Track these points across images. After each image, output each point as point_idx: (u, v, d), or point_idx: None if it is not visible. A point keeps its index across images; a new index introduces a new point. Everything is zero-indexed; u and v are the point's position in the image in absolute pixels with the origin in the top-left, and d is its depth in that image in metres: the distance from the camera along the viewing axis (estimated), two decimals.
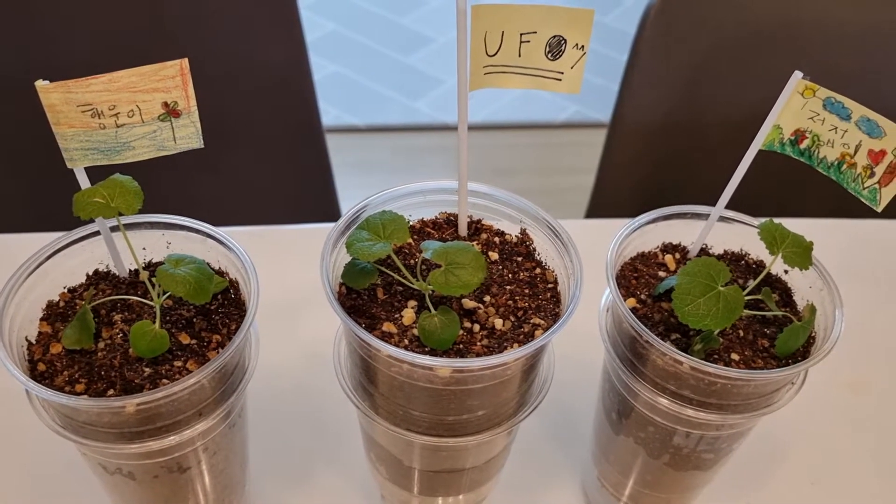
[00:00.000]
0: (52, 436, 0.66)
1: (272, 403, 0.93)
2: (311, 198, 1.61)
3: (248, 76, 1.45)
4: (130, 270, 0.74)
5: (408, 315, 0.66)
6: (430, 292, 0.66)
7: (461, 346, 0.65)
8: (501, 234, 0.73)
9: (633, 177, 1.56)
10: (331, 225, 0.68)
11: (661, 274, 0.77)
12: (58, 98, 0.63)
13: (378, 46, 3.13)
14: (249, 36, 1.44)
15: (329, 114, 2.79)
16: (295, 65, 1.46)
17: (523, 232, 0.73)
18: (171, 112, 0.65)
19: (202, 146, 0.67)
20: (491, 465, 0.76)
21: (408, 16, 3.26)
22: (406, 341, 0.65)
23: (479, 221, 0.74)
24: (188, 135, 0.67)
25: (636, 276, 0.76)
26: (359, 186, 2.48)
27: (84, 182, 0.67)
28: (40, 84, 0.62)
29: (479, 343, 0.65)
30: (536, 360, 0.68)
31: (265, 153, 1.55)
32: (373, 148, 2.81)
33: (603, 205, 1.59)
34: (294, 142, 1.54)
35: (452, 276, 0.62)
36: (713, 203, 0.75)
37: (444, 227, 0.74)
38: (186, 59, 0.64)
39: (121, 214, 0.65)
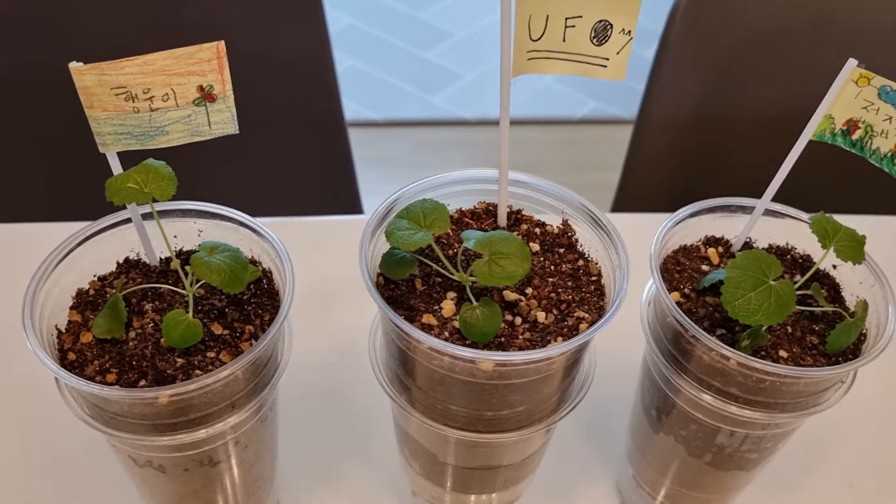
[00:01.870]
0: (78, 427, 0.65)
1: (299, 396, 0.92)
2: (333, 190, 1.60)
3: (271, 67, 1.43)
4: (161, 259, 0.72)
5: (447, 307, 0.64)
6: (471, 283, 0.64)
7: (503, 339, 0.63)
8: (542, 224, 0.71)
9: (659, 172, 1.53)
10: (355, 217, 0.67)
11: (704, 268, 0.74)
12: (91, 80, 0.61)
13: (396, 41, 3.11)
14: (272, 26, 1.42)
15: (347, 108, 2.77)
16: (318, 56, 1.45)
17: (565, 223, 0.71)
18: (206, 96, 0.64)
19: (237, 132, 0.66)
20: (527, 464, 0.74)
21: (426, 10, 3.24)
22: (446, 333, 0.63)
23: (518, 212, 0.72)
24: (223, 120, 0.65)
25: (679, 269, 0.74)
26: (376, 181, 2.47)
27: (116, 167, 0.66)
28: (74, 66, 0.60)
29: (521, 336, 0.64)
30: (580, 355, 0.66)
31: (287, 144, 1.53)
32: (390, 142, 2.79)
33: (629, 200, 1.56)
34: (316, 134, 1.53)
35: (496, 267, 0.60)
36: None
37: (483, 217, 0.72)
38: (223, 42, 0.62)
39: (154, 201, 0.63)
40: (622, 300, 0.62)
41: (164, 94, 0.63)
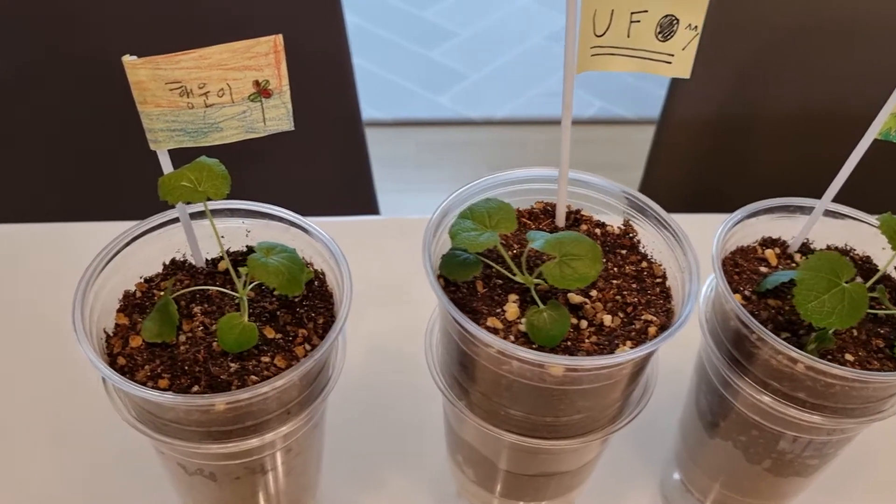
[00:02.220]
0: (111, 433, 0.63)
1: (341, 401, 0.89)
2: (348, 190, 1.57)
3: (289, 65, 1.41)
4: (207, 260, 0.70)
5: (511, 310, 0.62)
6: (535, 286, 0.63)
7: (569, 343, 0.61)
8: (602, 225, 0.69)
9: (681, 172, 1.52)
10: (374, 218, 0.65)
11: (763, 269, 0.73)
12: (145, 74, 0.59)
13: (400, 40, 3.09)
14: (290, 23, 1.40)
15: None
16: (336, 55, 1.42)
17: (627, 223, 0.69)
18: (261, 92, 0.62)
19: (292, 128, 0.63)
20: (584, 470, 0.73)
21: (429, 9, 3.22)
22: (511, 337, 0.61)
23: (577, 212, 0.70)
24: (278, 116, 0.63)
25: (737, 271, 0.72)
26: (382, 181, 2.44)
27: (167, 165, 0.63)
28: (128, 59, 0.58)
29: (587, 340, 0.62)
30: (647, 360, 0.64)
31: (303, 143, 1.51)
32: (396, 142, 2.77)
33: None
34: (334, 133, 1.51)
35: (568, 269, 0.58)
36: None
37: (541, 217, 0.70)
38: (280, 36, 0.60)
39: (208, 199, 0.61)
40: (694, 302, 0.60)
41: (219, 89, 0.60)
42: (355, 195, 1.57)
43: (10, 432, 0.85)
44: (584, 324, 0.63)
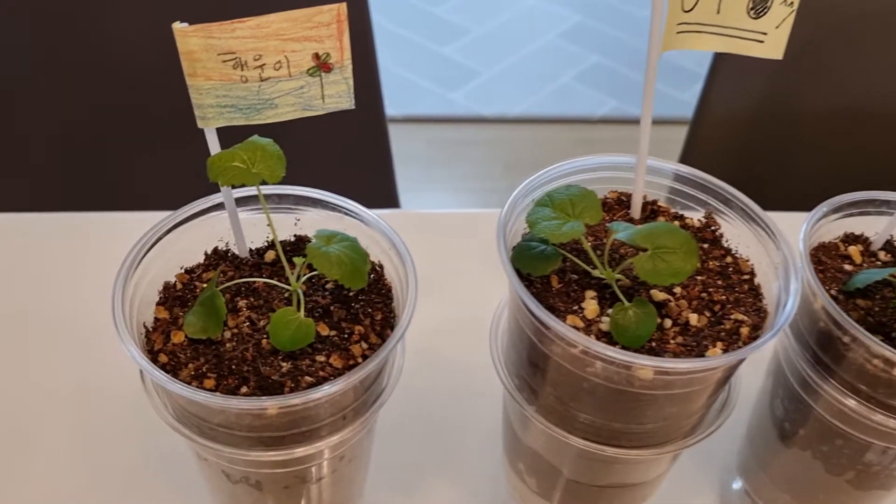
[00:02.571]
0: (139, 439, 0.57)
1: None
2: (371, 188, 1.52)
3: None
4: (251, 249, 0.65)
5: (590, 307, 0.57)
6: (616, 281, 0.57)
7: (653, 343, 0.56)
8: (681, 217, 0.64)
9: (716, 170, 1.46)
10: (398, 211, 0.59)
11: (847, 267, 0.68)
12: (197, 43, 0.53)
13: (413, 36, 3.04)
14: None
15: None
16: (360, 51, 1.37)
17: (709, 216, 0.64)
18: (321, 66, 0.56)
19: (353, 107, 0.58)
20: (654, 483, 0.67)
21: (442, 6, 3.17)
22: (592, 336, 0.56)
23: (654, 202, 0.65)
24: (338, 93, 0.57)
25: (821, 269, 0.67)
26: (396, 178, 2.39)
27: (214, 145, 0.58)
28: (178, 27, 0.53)
29: (672, 341, 0.56)
30: (738, 364, 0.58)
31: (326, 137, 1.45)
32: (408, 139, 2.71)
33: None
34: (356, 126, 1.45)
35: (661, 263, 0.53)
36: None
37: (615, 207, 0.64)
38: (344, 5, 0.55)
39: (263, 183, 0.56)
40: (795, 301, 0.55)
41: (276, 61, 0.55)
42: (377, 193, 1.52)
43: (34, 432, 0.79)
44: (668, 323, 0.57)
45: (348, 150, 1.48)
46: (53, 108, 1.29)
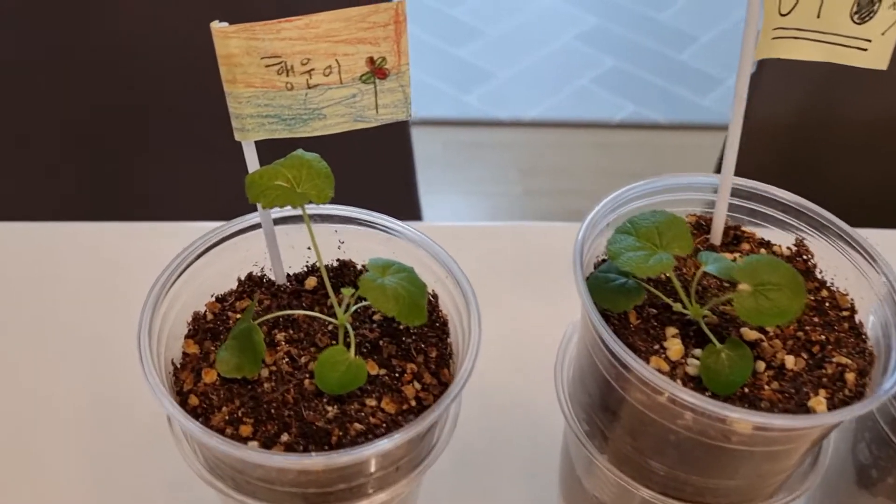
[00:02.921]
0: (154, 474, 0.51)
1: None
2: (392, 194, 1.46)
3: None
4: (289, 275, 0.58)
5: (674, 347, 0.50)
6: (703, 318, 0.51)
7: (745, 389, 0.50)
8: (767, 244, 0.58)
9: (757, 178, 1.40)
10: (421, 224, 0.53)
11: None
12: (238, 46, 0.47)
13: (428, 38, 2.97)
14: None
15: None
16: None
17: (800, 243, 0.57)
18: (376, 71, 0.50)
19: (409, 118, 0.52)
20: None
21: (458, 7, 3.11)
22: (678, 381, 0.49)
23: (737, 227, 0.58)
24: (394, 102, 0.51)
25: None
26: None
27: (252, 161, 0.52)
28: (217, 27, 0.47)
29: (767, 386, 0.50)
30: None
31: (346, 142, 1.39)
32: (423, 142, 2.65)
33: None
34: (378, 134, 1.39)
35: (765, 301, 0.46)
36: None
37: (694, 233, 0.58)
38: (404, 3, 0.49)
39: (309, 203, 0.50)
40: None
41: (326, 66, 0.49)
42: (398, 200, 1.46)
43: (43, 450, 0.72)
44: (761, 365, 0.51)
45: (369, 154, 1.42)
46: (57, 108, 1.22)
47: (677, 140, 2.86)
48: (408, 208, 1.46)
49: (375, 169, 1.44)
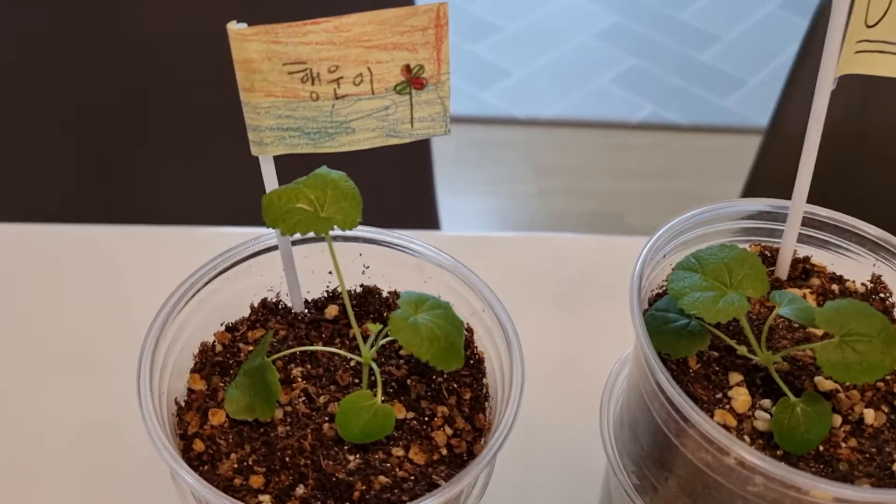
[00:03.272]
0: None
1: None
2: (409, 196, 1.40)
3: None
4: (307, 301, 0.53)
5: (741, 398, 0.45)
6: (773, 364, 0.45)
7: (820, 446, 0.44)
8: (840, 279, 0.52)
9: (789, 186, 1.34)
10: (439, 234, 0.47)
11: None
12: (258, 50, 0.41)
13: None
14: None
15: None
16: None
17: (876, 279, 0.51)
18: (412, 81, 0.44)
19: (447, 132, 0.46)
20: None
21: (475, 3, 3.04)
22: (746, 437, 0.44)
23: (806, 259, 0.52)
24: (431, 116, 0.46)
25: None
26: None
27: (271, 179, 0.46)
28: (234, 28, 0.41)
29: (844, 444, 0.44)
30: None
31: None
32: (436, 139, 2.59)
33: None
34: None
35: (853, 355, 0.41)
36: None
37: None
38: (446, 5, 0.43)
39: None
40: None
41: (356, 74, 0.43)
42: (414, 204, 1.40)
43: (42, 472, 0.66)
44: (837, 419, 0.45)
45: (385, 156, 1.36)
46: (59, 107, 1.17)
47: (697, 142, 2.80)
48: (425, 212, 1.40)
49: (392, 172, 1.38)
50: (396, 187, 1.38)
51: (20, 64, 1.10)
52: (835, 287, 0.51)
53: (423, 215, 1.42)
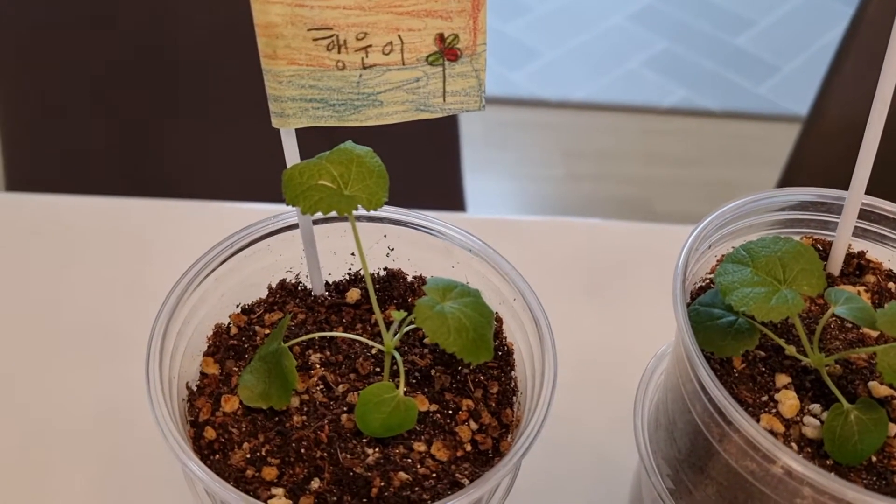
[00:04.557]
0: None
1: None
2: (435, 178, 1.37)
3: None
4: (328, 284, 0.50)
5: (789, 402, 0.42)
6: (825, 367, 0.42)
7: (873, 457, 0.41)
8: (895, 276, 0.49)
9: (829, 178, 1.30)
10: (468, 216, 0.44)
11: None
12: (280, 14, 0.38)
13: None
14: None
15: None
16: None
17: None
18: (445, 52, 0.41)
19: (482, 108, 0.43)
20: None
21: None
22: (794, 445, 0.40)
23: (861, 255, 0.49)
24: (465, 89, 0.42)
25: None
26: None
27: (292, 153, 0.43)
28: None
29: None
30: None
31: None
32: (464, 119, 2.55)
33: None
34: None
35: None
36: None
37: None
38: None
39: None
40: None
41: (386, 43, 0.40)
42: (440, 184, 1.37)
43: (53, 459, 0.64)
44: (892, 429, 0.42)
45: (411, 132, 1.33)
46: (86, 75, 1.15)
47: (729, 129, 2.74)
48: (450, 193, 1.37)
49: (419, 150, 1.35)
50: (422, 166, 1.35)
51: (53, 34, 1.08)
52: (891, 285, 0.48)
53: (449, 196, 1.39)
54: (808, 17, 3.09)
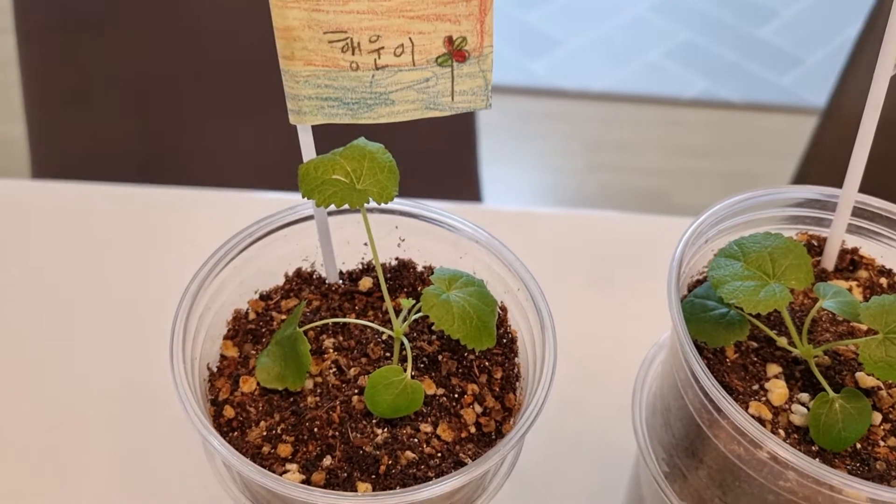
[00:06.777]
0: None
1: None
2: (453, 168, 1.39)
3: None
4: (342, 272, 0.52)
5: (777, 390, 0.44)
6: (814, 358, 0.44)
7: (857, 444, 0.43)
8: (889, 273, 0.50)
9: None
10: (483, 206, 0.46)
11: None
12: (298, 18, 0.41)
13: (495, 1, 2.87)
14: None
15: None
16: None
17: None
18: (454, 53, 0.43)
19: (488, 107, 0.45)
20: None
21: None
22: (781, 432, 0.43)
23: (854, 251, 0.51)
24: (472, 89, 0.45)
25: None
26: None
27: (308, 148, 0.46)
28: None
29: (883, 442, 0.43)
30: None
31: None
32: (484, 110, 2.57)
33: None
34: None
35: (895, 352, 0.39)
36: None
37: None
38: None
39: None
40: None
41: (397, 45, 0.42)
42: (457, 174, 1.39)
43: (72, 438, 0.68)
44: (876, 417, 0.44)
45: (431, 128, 1.35)
46: (114, 66, 1.18)
47: (751, 121, 2.73)
48: (467, 183, 1.39)
49: (436, 141, 1.37)
50: (440, 156, 1.38)
51: (79, 27, 1.11)
52: (883, 280, 0.50)
53: (466, 186, 1.41)
54: (832, 7, 3.07)
